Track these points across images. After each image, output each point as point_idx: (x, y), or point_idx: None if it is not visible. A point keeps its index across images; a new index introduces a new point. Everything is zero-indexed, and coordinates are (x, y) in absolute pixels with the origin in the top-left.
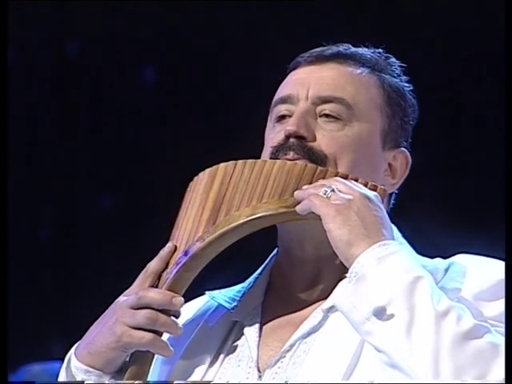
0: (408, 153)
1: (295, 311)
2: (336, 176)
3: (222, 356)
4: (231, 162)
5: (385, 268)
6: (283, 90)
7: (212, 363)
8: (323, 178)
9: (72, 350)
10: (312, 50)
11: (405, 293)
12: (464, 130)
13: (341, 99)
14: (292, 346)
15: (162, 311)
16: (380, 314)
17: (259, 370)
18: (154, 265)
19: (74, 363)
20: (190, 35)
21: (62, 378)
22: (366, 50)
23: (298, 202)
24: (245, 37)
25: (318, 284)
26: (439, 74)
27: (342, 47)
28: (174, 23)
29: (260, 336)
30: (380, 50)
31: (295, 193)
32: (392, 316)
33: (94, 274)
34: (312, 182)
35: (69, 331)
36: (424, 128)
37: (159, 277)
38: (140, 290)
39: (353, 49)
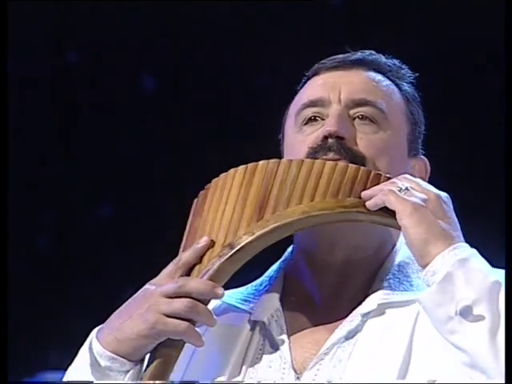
0: (427, 160)
1: (324, 314)
2: (389, 179)
3: (249, 356)
4: (273, 160)
5: (468, 270)
6: (310, 93)
7: (237, 363)
8: (378, 182)
9: (93, 334)
10: (333, 56)
11: (489, 295)
12: (463, 134)
13: (374, 103)
14: (330, 349)
15: (199, 301)
16: (465, 313)
17: (296, 372)
18: (186, 257)
19: (97, 348)
20: (188, 43)
21: (85, 360)
22: (384, 57)
23: (356, 204)
24: (245, 45)
25: (346, 288)
26: (437, 81)
27: (365, 54)
28: (173, 31)
29: (289, 338)
30: (395, 60)
31: (363, 192)
32: (477, 317)
33: (93, 283)
34: (367, 185)
35: (66, 339)
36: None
37: (190, 270)
38: (171, 279)
39: (375, 55)
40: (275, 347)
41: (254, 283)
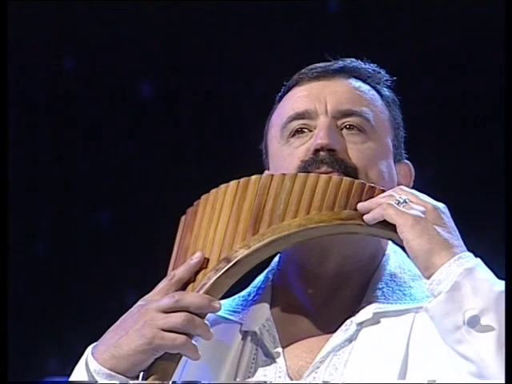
0: (411, 165)
1: (316, 323)
2: (383, 192)
3: (242, 366)
4: (266, 174)
5: (475, 279)
6: (296, 105)
7: (230, 373)
8: (372, 194)
9: (88, 351)
10: (313, 66)
11: (495, 305)
12: (463, 134)
13: (360, 112)
14: (326, 357)
15: (196, 315)
16: (473, 323)
17: (291, 379)
18: (180, 273)
19: (94, 366)
20: (187, 46)
21: (81, 379)
22: (363, 63)
23: (353, 216)
24: (245, 46)
25: (338, 297)
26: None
27: (346, 62)
28: (171, 34)
29: (282, 347)
30: (374, 65)
31: (359, 204)
32: (485, 327)
33: (91, 289)
34: (362, 197)
35: (65, 346)
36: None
37: (184, 286)
38: (165, 295)
39: (355, 62)
40: (269, 356)
41: (242, 294)
